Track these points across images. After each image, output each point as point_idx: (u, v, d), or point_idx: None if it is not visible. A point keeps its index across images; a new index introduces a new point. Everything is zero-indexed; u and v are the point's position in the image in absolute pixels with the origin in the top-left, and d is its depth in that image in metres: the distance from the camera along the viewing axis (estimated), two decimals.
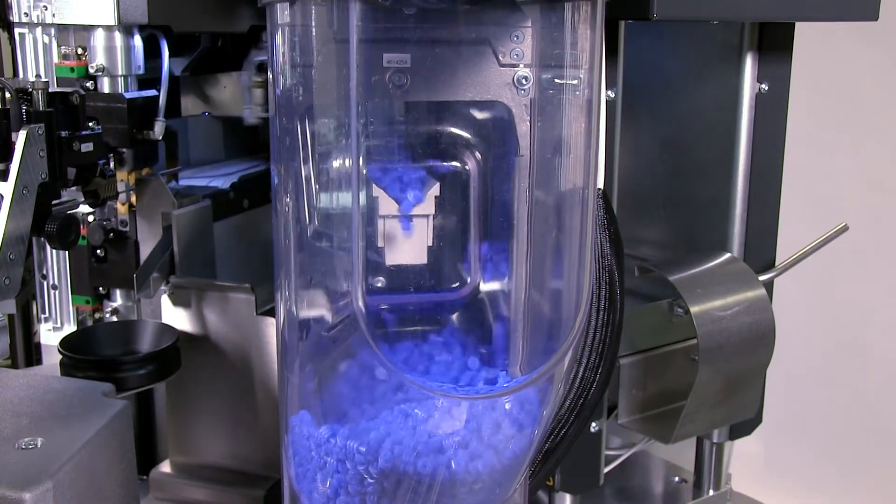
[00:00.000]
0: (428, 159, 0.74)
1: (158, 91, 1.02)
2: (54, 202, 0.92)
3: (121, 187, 1.01)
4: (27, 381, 0.82)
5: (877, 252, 1.49)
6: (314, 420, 0.74)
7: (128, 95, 0.98)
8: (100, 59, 0.98)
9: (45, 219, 0.89)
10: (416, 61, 0.70)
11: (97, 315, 1.08)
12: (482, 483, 0.72)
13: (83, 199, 0.99)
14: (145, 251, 1.03)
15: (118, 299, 1.08)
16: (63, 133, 0.91)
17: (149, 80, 1.03)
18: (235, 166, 1.28)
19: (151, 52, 1.03)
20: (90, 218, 1.04)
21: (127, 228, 1.03)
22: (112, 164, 1.00)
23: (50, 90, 0.91)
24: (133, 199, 1.02)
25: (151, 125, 1.01)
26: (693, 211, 1.17)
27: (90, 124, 0.96)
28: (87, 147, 0.93)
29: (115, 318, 1.07)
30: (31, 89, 0.88)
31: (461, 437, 0.70)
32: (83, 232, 1.01)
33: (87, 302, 1.07)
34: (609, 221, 0.86)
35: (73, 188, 0.96)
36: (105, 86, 0.99)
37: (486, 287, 0.77)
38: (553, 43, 0.71)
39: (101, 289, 1.07)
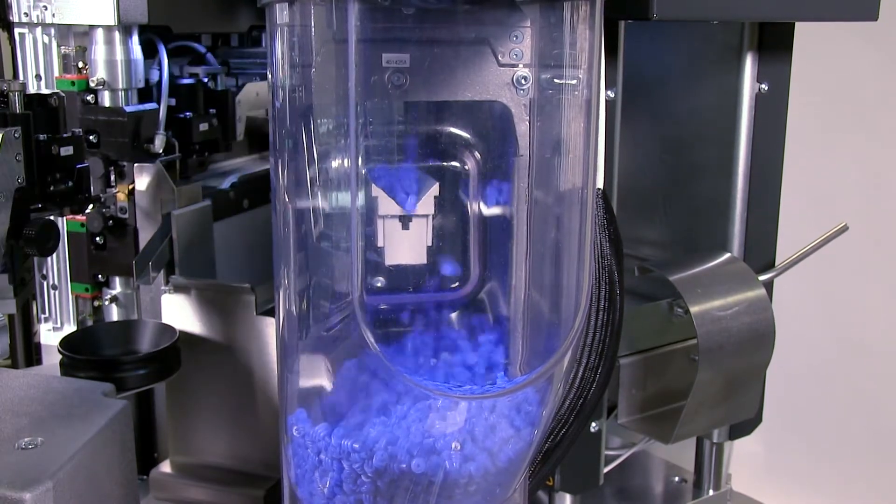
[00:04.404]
0: (427, 159, 0.74)
1: (158, 104, 1.02)
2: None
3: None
4: (27, 381, 0.82)
5: (877, 252, 1.49)
6: (314, 420, 0.74)
7: (128, 109, 0.97)
8: (100, 73, 0.97)
9: (23, 224, 0.87)
10: (416, 61, 0.70)
11: (96, 303, 1.08)
12: (482, 483, 0.72)
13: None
14: (144, 238, 1.03)
15: (117, 286, 1.07)
16: (42, 136, 0.89)
17: (148, 88, 1.03)
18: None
19: (151, 53, 1.03)
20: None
21: (126, 216, 1.03)
22: (113, 178, 1.00)
23: (27, 92, 0.89)
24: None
25: (152, 138, 1.00)
26: (693, 211, 1.17)
27: (90, 138, 0.95)
28: (66, 151, 0.91)
29: (114, 306, 1.07)
30: (6, 90, 0.86)
31: (460, 437, 0.70)
32: (83, 220, 1.00)
33: (87, 290, 1.07)
34: (609, 221, 0.86)
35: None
36: (105, 99, 0.99)
37: (485, 287, 0.77)
38: (552, 43, 0.71)
39: (100, 276, 1.07)
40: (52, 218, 0.91)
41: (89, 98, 0.98)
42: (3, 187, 0.84)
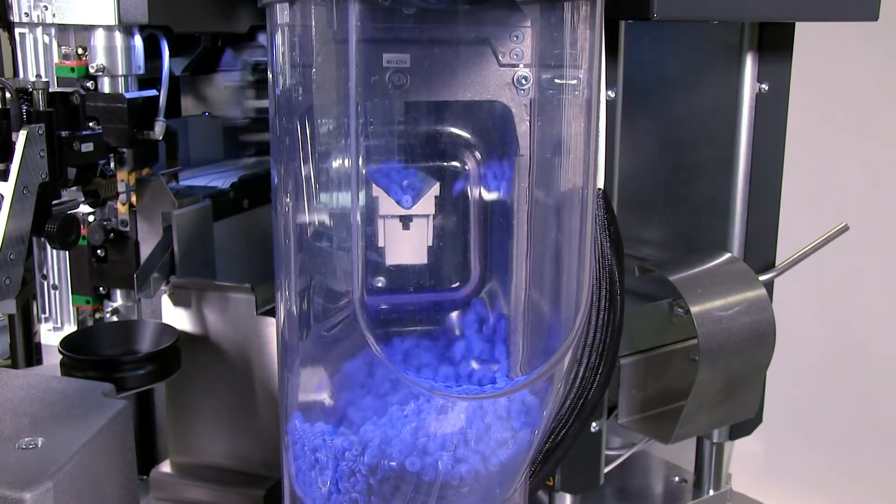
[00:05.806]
0: (428, 159, 0.74)
1: (158, 91, 1.02)
2: (54, 202, 0.92)
3: (121, 187, 1.01)
4: (27, 381, 0.82)
5: (877, 252, 1.49)
6: (313, 419, 0.74)
7: (128, 95, 0.98)
8: (100, 59, 0.98)
9: (45, 219, 0.89)
10: (416, 61, 0.70)
11: (97, 315, 1.08)
12: (482, 483, 0.72)
13: (83, 199, 0.99)
14: (145, 251, 1.03)
15: (118, 299, 1.08)
16: (63, 133, 0.91)
17: (149, 80, 1.04)
18: (235, 166, 1.28)
19: (152, 52, 1.03)
20: (90, 218, 1.04)
21: (127, 228, 1.03)
22: (112, 164, 1.00)
23: (50, 90, 0.91)
24: (133, 199, 1.03)
25: (151, 125, 1.01)
26: (693, 211, 1.17)
27: (90, 124, 0.96)
28: (87, 147, 0.93)
29: (115, 318, 1.07)
30: (31, 89, 0.88)
31: (461, 437, 0.70)
32: (83, 232, 1.02)
33: (88, 302, 1.07)
34: (609, 221, 0.86)
35: (74, 188, 0.96)
36: (105, 86, 0.99)
37: (485, 287, 0.77)
38: (553, 43, 0.71)
39: (101, 289, 1.07)
40: (73, 213, 0.93)
41: (89, 84, 0.98)
42: (28, 182, 0.85)
